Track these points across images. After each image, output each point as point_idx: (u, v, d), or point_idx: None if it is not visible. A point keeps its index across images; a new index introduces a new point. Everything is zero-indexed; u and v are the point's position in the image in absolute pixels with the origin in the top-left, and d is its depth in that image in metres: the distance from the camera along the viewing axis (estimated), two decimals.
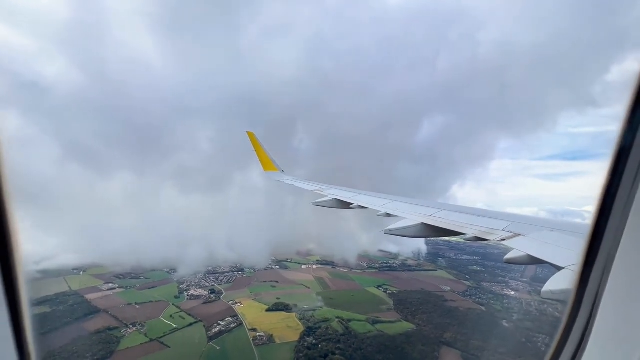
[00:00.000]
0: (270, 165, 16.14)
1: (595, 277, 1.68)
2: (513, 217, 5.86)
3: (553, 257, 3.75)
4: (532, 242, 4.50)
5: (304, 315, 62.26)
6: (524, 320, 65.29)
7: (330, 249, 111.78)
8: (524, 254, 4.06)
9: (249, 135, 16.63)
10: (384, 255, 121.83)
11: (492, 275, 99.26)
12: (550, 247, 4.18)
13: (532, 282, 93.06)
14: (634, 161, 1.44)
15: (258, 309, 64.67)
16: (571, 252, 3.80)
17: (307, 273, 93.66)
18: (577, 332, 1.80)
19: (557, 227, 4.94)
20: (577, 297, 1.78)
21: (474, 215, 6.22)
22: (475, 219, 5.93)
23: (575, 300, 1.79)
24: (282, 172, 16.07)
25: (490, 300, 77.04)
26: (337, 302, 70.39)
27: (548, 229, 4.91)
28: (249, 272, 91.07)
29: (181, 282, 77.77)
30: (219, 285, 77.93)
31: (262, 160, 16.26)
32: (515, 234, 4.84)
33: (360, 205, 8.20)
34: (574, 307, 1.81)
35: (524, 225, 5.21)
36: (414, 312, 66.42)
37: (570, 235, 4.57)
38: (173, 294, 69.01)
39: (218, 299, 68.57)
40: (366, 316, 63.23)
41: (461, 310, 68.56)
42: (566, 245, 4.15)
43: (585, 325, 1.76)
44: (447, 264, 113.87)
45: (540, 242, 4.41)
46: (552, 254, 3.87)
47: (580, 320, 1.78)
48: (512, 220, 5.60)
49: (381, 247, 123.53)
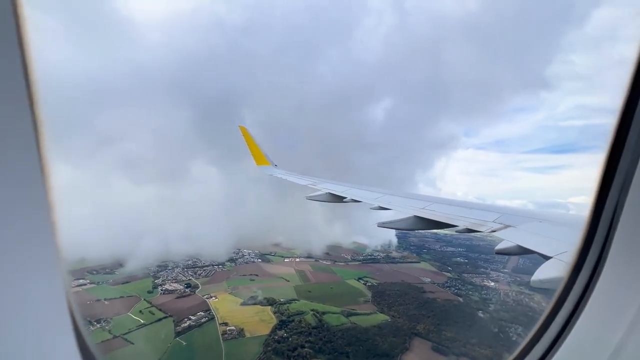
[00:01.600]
0: (262, 159, 16.01)
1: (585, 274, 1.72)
2: (503, 209, 5.98)
3: (541, 247, 3.86)
4: (521, 233, 4.62)
5: (279, 308, 61.46)
6: (500, 310, 65.51)
7: (299, 242, 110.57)
8: (513, 244, 4.13)
9: (242, 129, 16.44)
10: (365, 247, 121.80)
11: (474, 267, 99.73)
12: (539, 238, 4.29)
13: (513, 273, 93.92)
14: (629, 152, 1.47)
15: (233, 303, 63.67)
16: (558, 242, 3.90)
17: (289, 266, 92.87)
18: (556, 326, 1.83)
19: (545, 218, 5.09)
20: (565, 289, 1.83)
21: (465, 208, 6.33)
22: (467, 211, 6.04)
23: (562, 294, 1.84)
24: (275, 166, 15.93)
25: (469, 291, 77.22)
26: (314, 295, 69.74)
27: (537, 220, 5.04)
28: (229, 265, 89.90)
29: (157, 277, 76.27)
30: (196, 279, 76.62)
31: (255, 155, 16.15)
32: (505, 225, 4.96)
33: (353, 199, 8.23)
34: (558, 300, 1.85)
35: (514, 217, 5.33)
36: (391, 304, 66.11)
37: (557, 226, 4.75)
38: (146, 289, 67.51)
39: (193, 293, 67.32)
40: (341, 308, 62.69)
41: (438, 301, 68.49)
42: (554, 235, 4.28)
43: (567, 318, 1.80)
44: (431, 255, 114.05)
45: (529, 233, 4.53)
46: (541, 244, 3.98)
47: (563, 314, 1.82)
48: (502, 212, 5.71)
49: (354, 239, 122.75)
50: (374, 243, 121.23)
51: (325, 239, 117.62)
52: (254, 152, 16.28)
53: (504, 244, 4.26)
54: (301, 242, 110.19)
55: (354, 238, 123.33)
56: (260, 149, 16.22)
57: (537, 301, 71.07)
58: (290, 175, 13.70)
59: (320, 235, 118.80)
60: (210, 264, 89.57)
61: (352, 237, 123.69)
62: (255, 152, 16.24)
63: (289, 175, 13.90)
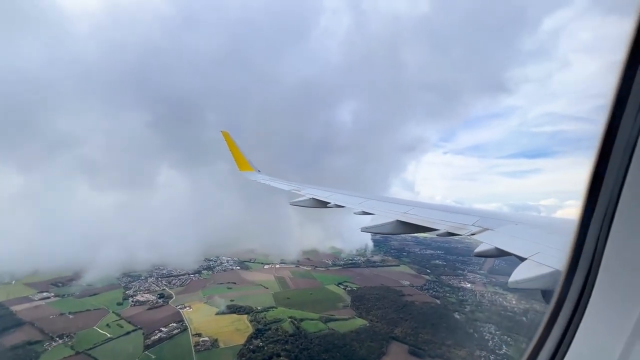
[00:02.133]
0: (245, 165, 15.85)
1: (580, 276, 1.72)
2: (481, 213, 6.14)
3: (517, 248, 3.98)
4: (499, 235, 4.74)
5: (256, 317, 60.02)
6: (475, 311, 66.89)
7: (274, 247, 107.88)
8: (492, 247, 4.24)
9: (224, 135, 16.17)
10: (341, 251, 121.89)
11: (452, 269, 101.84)
12: (515, 240, 4.43)
13: (489, 274, 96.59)
14: (618, 154, 1.47)
15: (208, 313, 61.60)
16: (533, 244, 4.05)
17: (268, 273, 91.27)
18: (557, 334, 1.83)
19: (520, 221, 5.31)
20: (562, 293, 1.81)
21: (445, 212, 6.49)
22: (447, 215, 6.18)
23: (560, 298, 1.82)
24: (258, 171, 15.74)
25: (446, 293, 78.56)
26: (293, 302, 68.71)
27: (513, 223, 5.23)
28: (206, 274, 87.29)
29: (128, 287, 72.88)
30: (170, 289, 73.78)
31: (238, 160, 15.98)
32: (483, 228, 5.08)
33: (337, 204, 8.28)
34: (557, 305, 1.84)
35: (492, 220, 5.49)
36: (370, 308, 66.10)
37: (532, 228, 4.93)
38: (116, 301, 64.25)
39: (166, 304, 64.70)
40: (320, 314, 62.01)
41: (416, 304, 69.14)
42: (529, 237, 4.44)
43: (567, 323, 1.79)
44: (411, 259, 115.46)
45: (506, 236, 4.67)
46: (517, 245, 4.12)
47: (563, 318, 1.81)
48: (480, 215, 5.86)
49: (331, 244, 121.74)
50: (350, 247, 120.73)
51: (301, 244, 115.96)
52: (236, 157, 16.07)
53: (483, 246, 4.36)
54: (276, 248, 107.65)
55: (331, 243, 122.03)
56: (243, 155, 16.03)
57: (510, 300, 73.31)
58: (274, 181, 13.54)
59: (296, 241, 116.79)
60: (186, 273, 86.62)
61: (329, 242, 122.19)
62: (238, 157, 16.05)
63: (272, 180, 13.72)
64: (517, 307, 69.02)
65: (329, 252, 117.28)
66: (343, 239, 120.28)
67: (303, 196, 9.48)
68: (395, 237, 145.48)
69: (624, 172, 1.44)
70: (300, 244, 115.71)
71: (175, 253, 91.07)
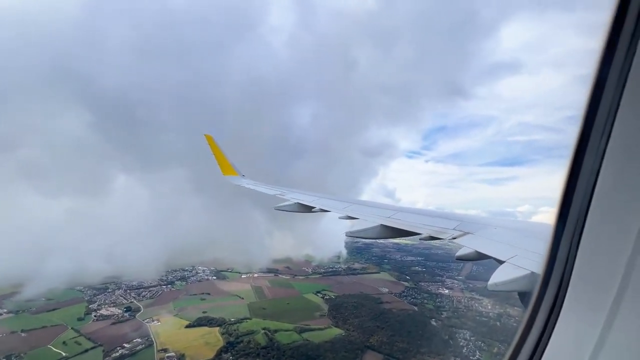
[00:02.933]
0: (229, 169, 15.62)
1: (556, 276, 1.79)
2: (462, 217, 6.29)
3: (496, 252, 4.10)
4: (479, 239, 4.84)
5: (228, 329, 57.59)
6: (451, 317, 67.02)
7: (244, 256, 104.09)
8: (472, 250, 4.31)
9: (207, 138, 15.87)
10: (329, 260, 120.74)
11: (431, 275, 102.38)
12: (494, 243, 4.55)
13: (467, 279, 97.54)
14: (590, 159, 1.54)
15: (177, 326, 58.62)
16: (511, 247, 4.16)
17: (245, 282, 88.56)
18: (536, 332, 1.91)
19: (499, 225, 5.43)
20: (540, 293, 1.89)
21: (428, 216, 6.61)
22: (429, 220, 6.29)
23: (538, 298, 1.90)
24: (242, 176, 15.58)
25: (424, 299, 78.56)
26: (269, 312, 66.63)
27: (492, 227, 5.36)
28: (179, 285, 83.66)
29: (93, 301, 68.56)
30: (139, 302, 70.00)
31: (221, 165, 15.72)
32: (464, 232, 5.20)
33: (322, 209, 8.32)
34: (535, 305, 1.92)
35: (472, 224, 5.59)
36: (347, 317, 64.92)
37: (510, 232, 5.05)
38: (77, 316, 60.11)
39: (132, 318, 61.15)
40: (295, 325, 60.27)
41: (394, 311, 68.58)
42: (507, 240, 4.62)
43: (544, 325, 1.87)
44: (391, 265, 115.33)
45: (486, 239, 4.76)
46: (496, 249, 4.25)
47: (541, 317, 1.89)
48: (461, 220, 5.98)
49: (306, 251, 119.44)
50: (324, 255, 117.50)
51: (274, 252, 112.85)
52: (220, 161, 15.76)
53: (464, 250, 4.40)
54: (246, 256, 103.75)
55: (305, 250, 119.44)
56: (226, 159, 15.77)
57: (486, 305, 74.10)
58: (259, 186, 13.43)
59: (268, 249, 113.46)
60: (158, 284, 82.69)
61: (303, 249, 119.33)
62: (221, 161, 15.73)
63: (257, 185, 13.58)
64: (492, 312, 69.77)
65: (303, 259, 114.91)
66: (317, 246, 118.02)
67: (287, 201, 9.44)
68: (377, 244, 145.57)
69: (594, 177, 1.49)
70: (272, 251, 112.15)
71: (134, 263, 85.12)
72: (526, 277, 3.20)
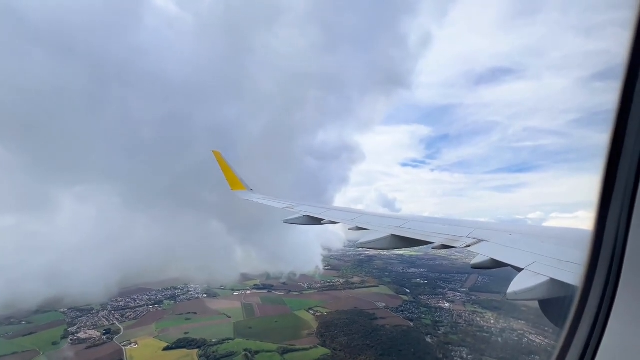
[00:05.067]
0: (238, 184, 15.60)
1: (600, 275, 1.70)
2: (475, 224, 6.16)
3: (513, 259, 3.95)
4: (494, 246, 4.65)
5: (207, 350, 54.34)
6: (449, 333, 62.33)
7: (203, 273, 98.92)
8: (488, 258, 4.14)
9: (215, 154, 15.99)
10: (328, 273, 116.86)
11: (433, 287, 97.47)
12: (510, 250, 4.36)
13: (470, 292, 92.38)
14: (627, 159, 1.49)
15: (155, 349, 55.61)
16: (529, 254, 4.02)
17: (236, 300, 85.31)
18: (579, 344, 1.79)
19: (514, 231, 5.25)
20: (584, 295, 1.78)
21: (439, 224, 6.50)
22: (441, 228, 6.14)
23: (582, 299, 1.79)
24: (250, 190, 15.58)
25: (422, 314, 73.92)
26: (254, 332, 63.18)
27: (507, 233, 5.18)
28: (167, 304, 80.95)
29: (74, 324, 66.22)
30: (121, 323, 67.40)
31: (230, 180, 15.77)
32: (478, 239, 5.01)
33: (331, 221, 8.30)
34: (580, 306, 1.80)
35: (486, 231, 5.37)
36: (336, 335, 60.95)
37: (527, 238, 4.90)
38: (52, 340, 57.74)
39: (110, 340, 58.42)
40: (279, 345, 56.60)
41: (387, 328, 64.29)
42: (524, 247, 4.40)
43: (592, 324, 1.75)
44: (392, 278, 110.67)
45: (501, 246, 4.55)
46: (512, 256, 4.09)
47: (587, 319, 1.77)
48: (474, 227, 5.79)
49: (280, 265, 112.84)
50: (296, 269, 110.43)
51: (241, 267, 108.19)
52: (228, 176, 15.86)
53: (479, 258, 4.21)
54: (207, 274, 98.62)
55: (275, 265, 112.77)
56: (234, 173, 15.83)
57: (488, 320, 69.02)
58: (267, 199, 13.42)
59: (234, 264, 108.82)
60: (145, 304, 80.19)
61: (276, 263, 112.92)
62: (230, 177, 15.78)
63: (265, 199, 13.55)
64: (495, 327, 64.78)
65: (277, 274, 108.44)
66: (288, 261, 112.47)
67: (296, 214, 9.33)
68: (380, 256, 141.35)
69: (635, 176, 1.44)
70: (239, 267, 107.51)
71: (79, 284, 78.75)
72: (546, 284, 3.08)
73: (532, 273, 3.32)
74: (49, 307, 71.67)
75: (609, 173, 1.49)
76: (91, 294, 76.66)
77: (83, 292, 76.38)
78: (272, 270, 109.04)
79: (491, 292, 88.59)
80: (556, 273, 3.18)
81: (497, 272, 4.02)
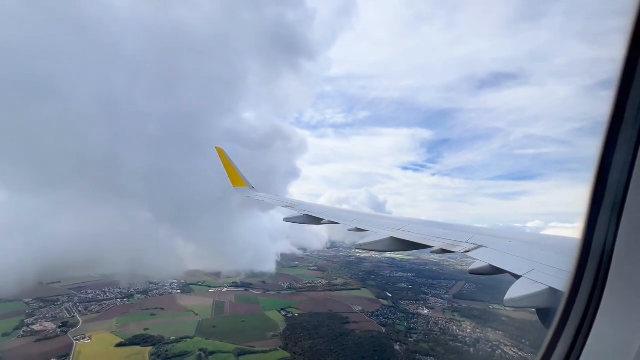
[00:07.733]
0: (239, 181, 15.64)
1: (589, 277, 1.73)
2: (475, 230, 6.07)
3: (512, 266, 3.93)
4: (493, 252, 4.62)
5: (160, 349, 51.66)
6: (420, 341, 59.02)
7: (139, 268, 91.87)
8: (486, 264, 4.12)
9: (218, 150, 15.97)
10: (313, 274, 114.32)
11: (416, 293, 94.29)
12: (509, 257, 4.31)
13: (454, 299, 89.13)
14: (618, 166, 1.50)
15: (107, 345, 53.00)
16: (527, 261, 3.98)
17: (210, 297, 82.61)
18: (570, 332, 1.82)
19: (514, 238, 5.18)
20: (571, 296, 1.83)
21: (439, 229, 6.41)
22: (441, 232, 6.09)
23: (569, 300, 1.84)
24: (252, 188, 15.62)
25: (397, 320, 70.76)
26: (217, 331, 60.41)
27: (507, 239, 5.14)
28: (137, 298, 78.57)
29: (33, 315, 63.94)
30: (82, 316, 65.00)
31: (232, 176, 15.82)
32: (477, 245, 4.98)
33: (331, 221, 8.24)
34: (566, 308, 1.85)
35: (486, 237, 5.36)
36: (300, 338, 57.96)
37: (526, 245, 4.80)
38: (5, 331, 55.43)
39: (63, 334, 55.93)
40: (238, 346, 53.73)
41: (356, 333, 61.18)
42: (523, 254, 4.32)
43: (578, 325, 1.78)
44: (377, 282, 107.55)
45: (501, 253, 4.55)
46: (511, 263, 4.05)
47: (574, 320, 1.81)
48: (474, 232, 5.76)
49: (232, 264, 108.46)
50: (240, 268, 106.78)
51: (183, 265, 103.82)
52: (230, 173, 15.85)
53: (477, 264, 4.21)
54: (143, 269, 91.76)
55: (219, 264, 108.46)
56: (237, 170, 15.84)
57: (464, 329, 65.64)
58: (269, 197, 13.54)
59: (173, 261, 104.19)
60: (114, 297, 77.90)
61: (224, 261, 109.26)
62: (232, 173, 15.80)
63: (266, 197, 13.65)
64: (469, 337, 61.39)
65: (226, 273, 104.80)
66: (231, 259, 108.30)
67: (296, 213, 9.35)
68: (371, 258, 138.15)
69: (625, 184, 1.44)
70: (180, 265, 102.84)
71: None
72: (545, 292, 3.06)
73: (531, 281, 3.31)
74: (11, 297, 69.33)
75: (599, 178, 1.50)
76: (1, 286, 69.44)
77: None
78: (225, 269, 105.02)
79: (474, 300, 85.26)
80: (555, 282, 3.15)
81: (486, 280, 4.05)
